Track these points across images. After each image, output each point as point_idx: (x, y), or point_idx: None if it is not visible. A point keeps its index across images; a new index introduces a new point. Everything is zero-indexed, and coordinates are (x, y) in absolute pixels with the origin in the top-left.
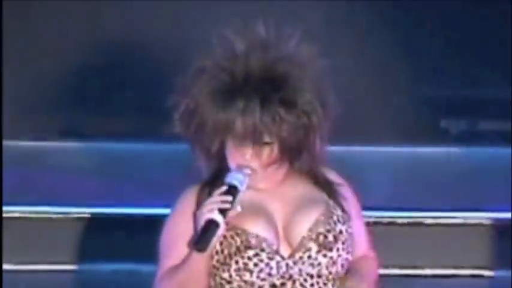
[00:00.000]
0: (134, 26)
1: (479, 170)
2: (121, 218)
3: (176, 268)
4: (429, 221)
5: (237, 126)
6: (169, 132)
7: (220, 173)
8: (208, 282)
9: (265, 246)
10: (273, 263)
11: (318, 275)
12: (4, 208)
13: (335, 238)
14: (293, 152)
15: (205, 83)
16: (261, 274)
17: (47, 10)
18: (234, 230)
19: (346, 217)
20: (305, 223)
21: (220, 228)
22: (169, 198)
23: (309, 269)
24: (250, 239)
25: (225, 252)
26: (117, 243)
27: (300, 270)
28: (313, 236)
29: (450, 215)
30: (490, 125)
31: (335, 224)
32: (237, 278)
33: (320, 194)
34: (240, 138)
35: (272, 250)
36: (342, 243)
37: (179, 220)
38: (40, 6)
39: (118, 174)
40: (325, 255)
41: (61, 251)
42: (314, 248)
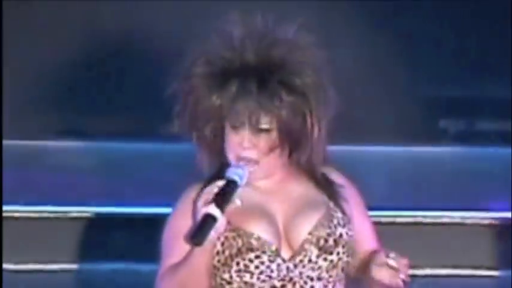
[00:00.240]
0: (134, 27)
1: (478, 170)
2: (121, 218)
3: (177, 266)
4: (428, 221)
5: (233, 109)
6: (169, 131)
7: (222, 172)
8: (209, 282)
9: (266, 248)
10: (274, 266)
11: (318, 278)
12: (4, 208)
13: (335, 242)
14: (292, 139)
15: (200, 68)
16: (262, 276)
17: (47, 9)
18: (236, 231)
19: (346, 219)
20: (306, 226)
21: (218, 222)
22: (169, 197)
23: (309, 272)
24: (251, 241)
25: (226, 253)
26: (116, 242)
27: (301, 273)
28: (313, 240)
29: (449, 215)
30: (489, 125)
31: (335, 228)
32: (238, 279)
33: (321, 196)
34: (237, 122)
35: (273, 252)
36: (342, 246)
37: (180, 218)
38: (40, 5)
39: (118, 173)
40: (325, 258)
41: (61, 251)
42: (314, 252)
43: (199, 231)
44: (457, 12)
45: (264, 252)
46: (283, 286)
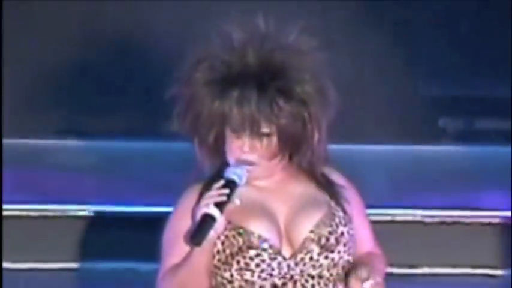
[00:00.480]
0: (134, 25)
1: (478, 169)
2: (120, 217)
3: (178, 266)
4: (428, 220)
5: (234, 115)
6: (169, 130)
7: (222, 172)
8: (210, 281)
9: (267, 246)
10: (275, 264)
11: (319, 276)
12: (4, 206)
13: (337, 240)
14: (292, 144)
15: (202, 74)
16: (263, 274)
17: (47, 9)
18: (236, 230)
19: (347, 219)
20: (307, 224)
21: (217, 221)
22: (169, 196)
23: (310, 270)
24: (252, 239)
25: (227, 251)
26: (116, 241)
27: (302, 271)
28: (315, 238)
29: (449, 214)
30: (489, 124)
31: (337, 226)
32: (238, 278)
33: (322, 195)
34: (237, 128)
35: (274, 250)
36: (344, 245)
37: (181, 218)
38: (40, 5)
39: (117, 172)
40: (326, 257)
41: (60, 249)
42: (316, 250)
43: (198, 231)
44: (457, 11)
45: (265, 250)
46: (284, 284)
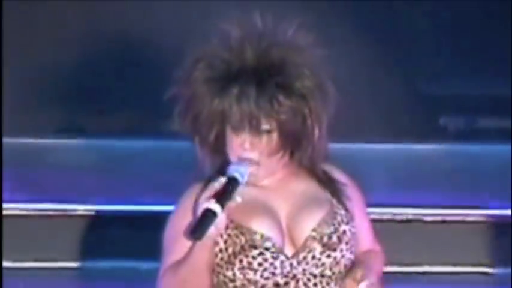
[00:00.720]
0: (133, 23)
1: (478, 167)
2: (121, 215)
3: (178, 264)
4: (428, 218)
5: (233, 112)
6: (170, 129)
7: (223, 170)
8: (211, 279)
9: (269, 245)
10: (277, 263)
11: (321, 275)
12: (4, 205)
13: (339, 238)
14: (292, 140)
15: (201, 72)
16: (265, 273)
17: (46, 8)
18: (239, 229)
19: (349, 217)
20: (309, 223)
21: (218, 217)
22: (169, 195)
23: (313, 269)
24: (255, 238)
25: (229, 250)
26: (116, 240)
27: (304, 270)
28: (317, 237)
29: (449, 212)
30: (489, 122)
31: (339, 225)
32: (241, 277)
33: (324, 193)
34: (237, 125)
35: (276, 249)
36: (346, 243)
37: (182, 216)
38: (40, 5)
39: (118, 171)
40: (328, 255)
41: (60, 249)
42: (318, 249)
43: (199, 226)
44: (457, 9)
45: (267, 249)
46: (286, 283)
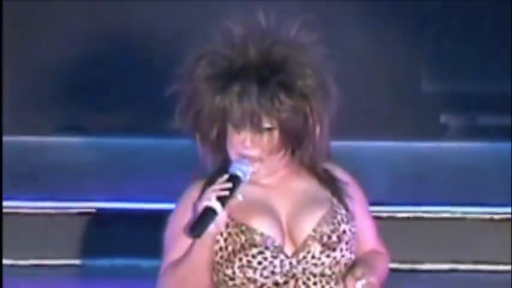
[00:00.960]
0: (134, 21)
1: (479, 165)
2: (122, 213)
3: (178, 261)
4: (429, 216)
5: (235, 110)
6: (170, 127)
7: (225, 168)
8: (211, 277)
9: (269, 244)
10: (277, 262)
11: (321, 274)
12: (4, 203)
13: (339, 238)
14: (293, 139)
15: (202, 69)
16: (265, 272)
17: (47, 7)
18: (239, 227)
19: (350, 216)
20: (309, 222)
21: (218, 215)
22: (170, 193)
23: (312, 269)
24: (255, 237)
25: (229, 249)
26: (117, 238)
27: (304, 269)
28: (317, 236)
29: (450, 210)
30: (490, 120)
31: (339, 224)
32: (240, 275)
33: (324, 192)
34: (238, 123)
35: (276, 248)
36: (346, 243)
37: (183, 214)
38: (40, 4)
39: (118, 169)
40: (328, 255)
41: (61, 246)
42: (318, 248)
43: (198, 223)
44: (458, 8)
45: (267, 248)
46: (286, 282)
